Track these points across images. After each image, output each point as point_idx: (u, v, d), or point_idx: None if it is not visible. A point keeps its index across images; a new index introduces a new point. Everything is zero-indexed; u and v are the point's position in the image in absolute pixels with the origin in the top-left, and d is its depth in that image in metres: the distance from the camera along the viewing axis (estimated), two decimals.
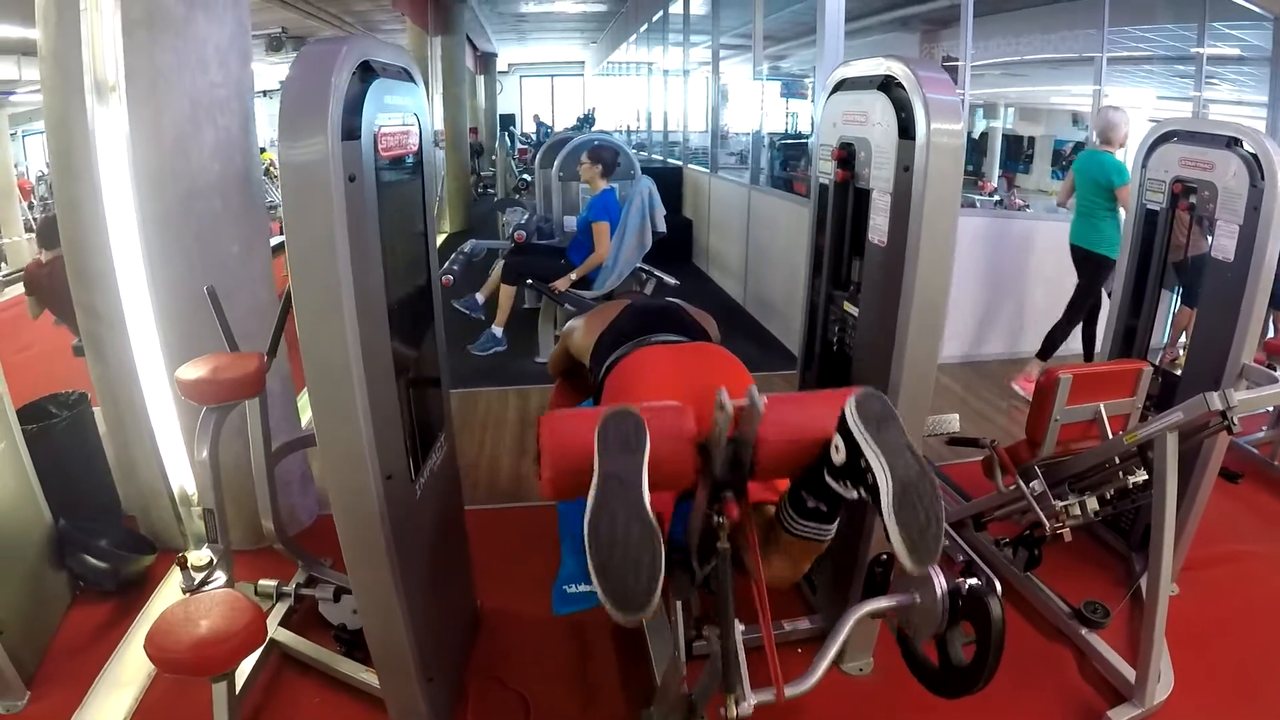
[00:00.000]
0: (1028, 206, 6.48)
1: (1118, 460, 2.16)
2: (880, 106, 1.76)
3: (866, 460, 1.18)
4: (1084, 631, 2.26)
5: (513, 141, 13.27)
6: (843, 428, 1.22)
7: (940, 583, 1.74)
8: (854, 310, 2.05)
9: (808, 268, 2.32)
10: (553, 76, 21.97)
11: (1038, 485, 2.23)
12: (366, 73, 1.42)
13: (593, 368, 2.00)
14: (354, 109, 1.35)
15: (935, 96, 1.60)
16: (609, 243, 4.66)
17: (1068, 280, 3.97)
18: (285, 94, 1.28)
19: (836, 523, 1.36)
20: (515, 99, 21.68)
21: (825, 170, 2.09)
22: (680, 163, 8.52)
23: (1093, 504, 2.22)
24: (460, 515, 2.26)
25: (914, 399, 1.81)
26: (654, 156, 9.99)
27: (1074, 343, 4.02)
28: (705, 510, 1.31)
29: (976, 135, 7.52)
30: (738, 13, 6.87)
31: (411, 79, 1.68)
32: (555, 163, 5.67)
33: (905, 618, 1.76)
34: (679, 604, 1.63)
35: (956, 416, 3.65)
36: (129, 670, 2.01)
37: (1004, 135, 6.92)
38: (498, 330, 4.73)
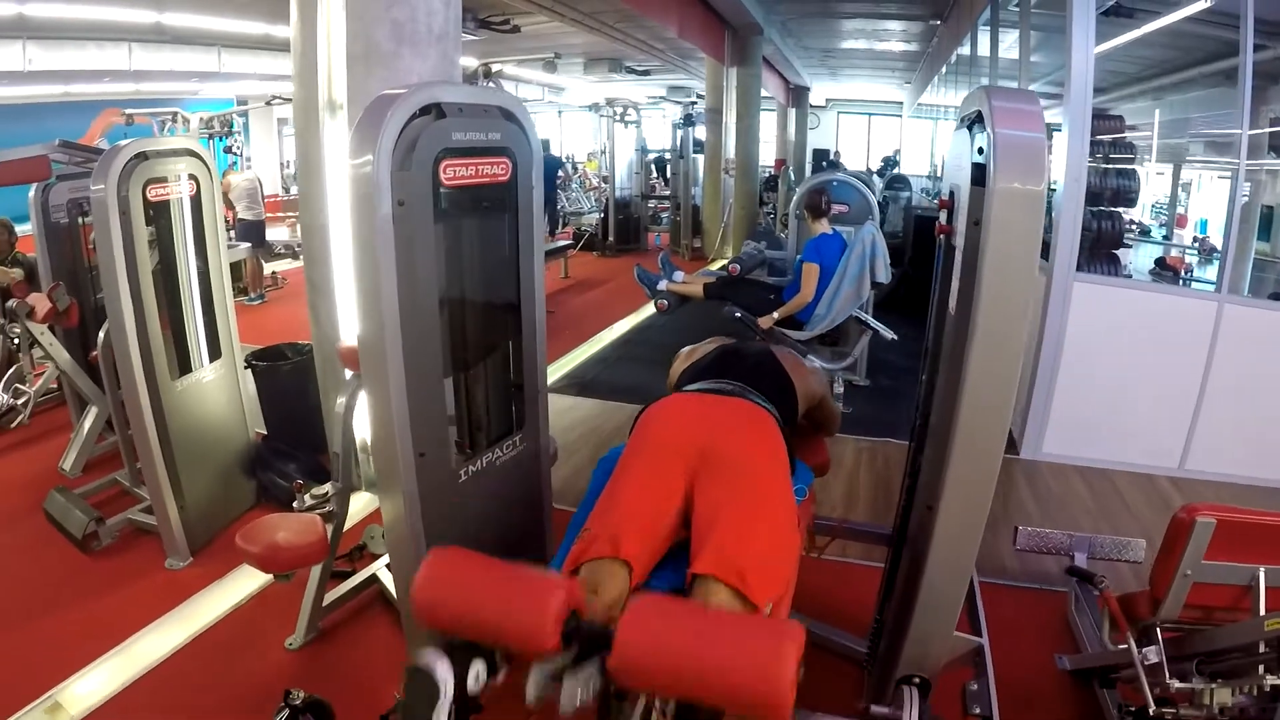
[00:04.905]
0: None
1: (1263, 648, 1.67)
2: (965, 148, 1.53)
3: None
4: None
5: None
6: None
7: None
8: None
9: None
10: (870, 115, 21.62)
11: (1153, 653, 1.80)
12: (438, 114, 1.67)
13: None
14: (410, 145, 1.61)
15: (1007, 132, 1.32)
16: (814, 285, 4.58)
17: None
18: (354, 130, 1.57)
19: None
20: (832, 135, 21.67)
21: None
22: None
23: (1223, 696, 1.74)
24: (537, 511, 2.42)
25: (966, 502, 1.56)
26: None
27: None
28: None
29: None
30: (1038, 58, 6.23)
31: (510, 118, 1.91)
32: (793, 202, 5.69)
33: None
34: None
35: (1143, 543, 3.06)
36: None
37: None
38: (663, 285, 4.86)
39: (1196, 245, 6.68)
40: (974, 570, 2.30)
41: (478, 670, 1.27)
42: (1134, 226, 7.55)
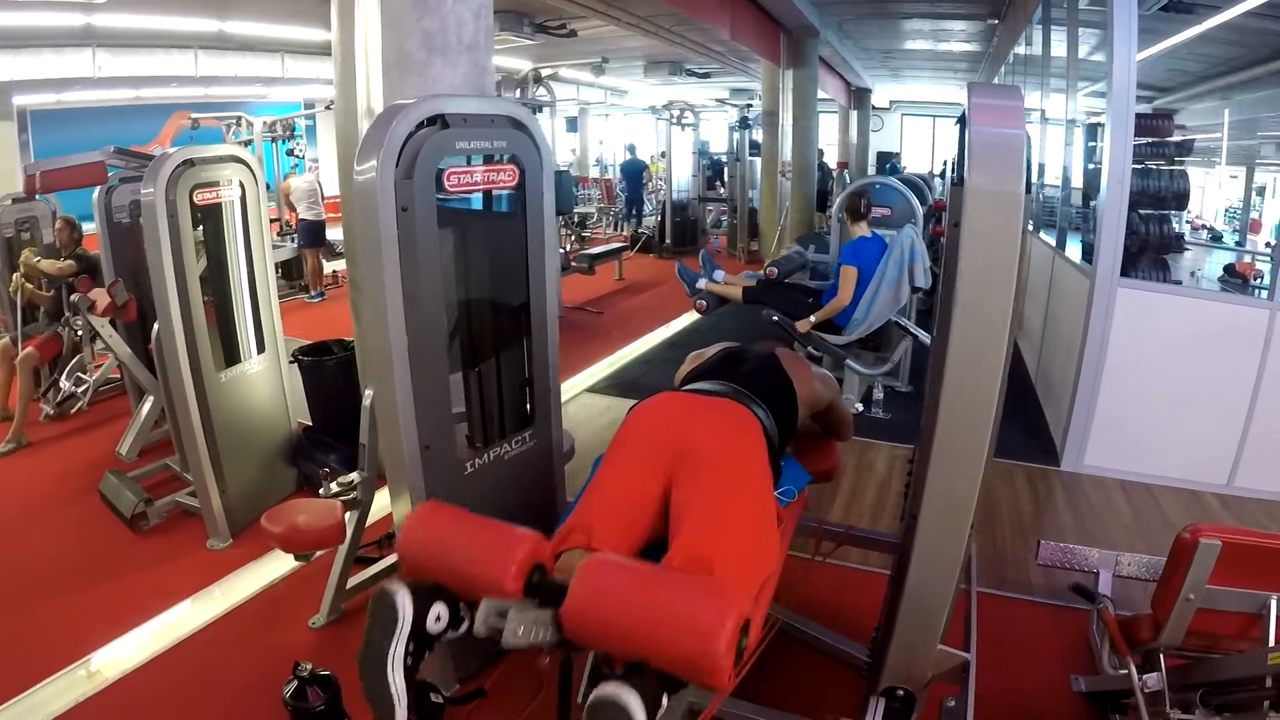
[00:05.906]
0: None
1: (1269, 683, 1.60)
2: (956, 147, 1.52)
3: None
4: None
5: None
6: None
7: None
8: None
9: None
10: (934, 117, 21.10)
11: (1154, 680, 1.75)
12: (443, 124, 1.76)
13: None
14: (414, 154, 1.70)
15: (983, 129, 1.26)
16: (851, 289, 4.53)
17: None
18: (362, 139, 1.67)
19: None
20: (896, 137, 21.24)
21: None
22: None
23: None
24: (550, 505, 2.47)
25: (946, 512, 1.51)
26: None
27: None
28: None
29: None
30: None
31: (519, 127, 1.99)
32: (834, 205, 5.62)
33: None
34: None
35: None
36: None
37: None
38: (702, 284, 4.85)
39: (1271, 251, 6.29)
40: (971, 583, 2.27)
41: (439, 612, 1.31)
42: (1205, 230, 7.15)
